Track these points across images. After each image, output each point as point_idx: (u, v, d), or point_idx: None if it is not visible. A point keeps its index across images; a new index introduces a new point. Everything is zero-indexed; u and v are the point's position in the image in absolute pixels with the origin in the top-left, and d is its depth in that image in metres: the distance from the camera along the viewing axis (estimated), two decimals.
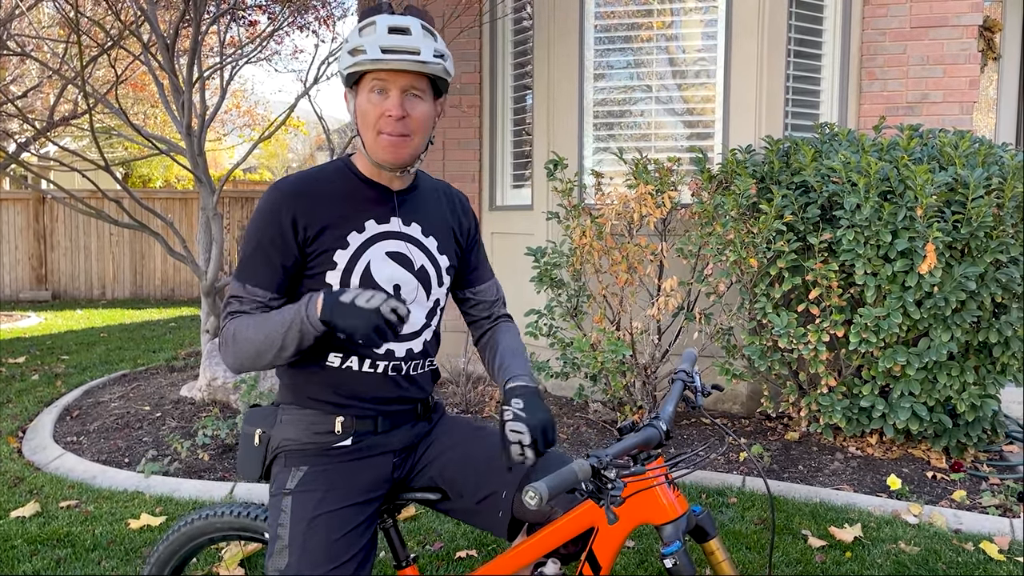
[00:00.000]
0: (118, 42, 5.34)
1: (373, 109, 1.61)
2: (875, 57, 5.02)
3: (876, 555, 3.02)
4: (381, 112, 1.61)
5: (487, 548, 3.10)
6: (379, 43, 1.56)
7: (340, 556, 1.61)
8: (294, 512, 1.64)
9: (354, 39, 1.61)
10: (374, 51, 1.56)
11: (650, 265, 4.42)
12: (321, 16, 7.55)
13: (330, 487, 1.66)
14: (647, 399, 4.48)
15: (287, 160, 25.97)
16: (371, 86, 1.60)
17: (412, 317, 1.73)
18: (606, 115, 5.11)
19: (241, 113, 16.26)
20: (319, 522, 1.63)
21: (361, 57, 1.57)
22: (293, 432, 1.70)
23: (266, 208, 1.64)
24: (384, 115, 1.61)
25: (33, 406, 5.20)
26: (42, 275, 11.30)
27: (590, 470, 1.37)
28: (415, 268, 1.73)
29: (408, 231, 1.73)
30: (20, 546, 3.13)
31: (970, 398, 3.73)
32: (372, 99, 1.61)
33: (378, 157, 1.65)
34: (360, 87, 1.63)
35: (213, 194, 5.23)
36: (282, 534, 1.64)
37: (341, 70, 1.63)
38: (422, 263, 1.74)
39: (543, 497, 1.27)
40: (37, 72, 9.62)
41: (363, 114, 1.63)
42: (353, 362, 1.70)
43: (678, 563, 1.50)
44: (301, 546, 1.61)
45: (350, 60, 1.60)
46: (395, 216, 1.72)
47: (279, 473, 1.71)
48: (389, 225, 1.70)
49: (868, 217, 3.64)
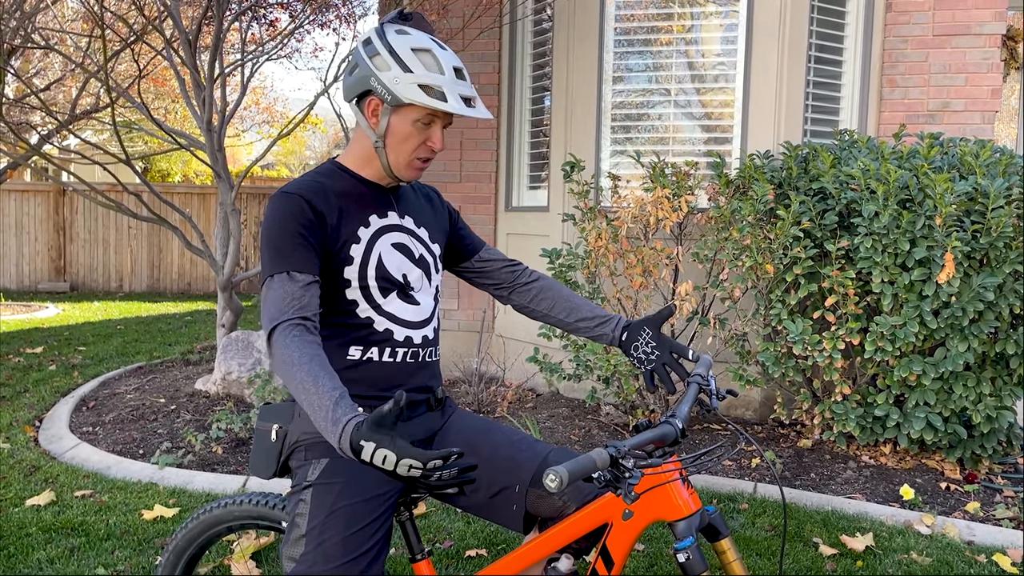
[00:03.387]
0: (141, 37, 5.39)
1: (416, 136, 1.68)
2: (896, 64, 4.99)
3: (887, 565, 3.00)
4: (422, 141, 1.70)
5: (497, 547, 3.10)
6: (458, 91, 1.64)
7: (355, 550, 1.63)
8: (314, 503, 1.66)
9: (418, 70, 1.62)
10: (455, 101, 1.63)
11: (665, 269, 4.41)
12: (342, 14, 7.58)
13: (349, 479, 1.68)
14: (659, 403, 4.47)
15: (305, 157, 26.10)
16: (420, 117, 1.66)
17: (422, 304, 1.80)
18: (624, 118, 5.11)
19: (260, 110, 16.35)
20: (337, 514, 1.64)
21: (439, 103, 1.62)
22: (311, 425, 1.71)
23: (286, 205, 1.65)
24: (425, 144, 1.70)
25: (50, 396, 5.25)
26: (61, 267, 11.41)
27: (608, 459, 1.40)
28: (416, 257, 1.80)
29: (404, 223, 1.81)
30: (35, 534, 3.16)
31: (986, 409, 3.71)
32: (417, 127, 1.67)
33: (401, 174, 1.74)
34: (402, 109, 1.66)
35: (231, 190, 5.27)
36: (300, 523, 1.66)
37: (396, 92, 1.63)
38: (421, 252, 1.82)
39: (563, 480, 1.30)
40: (60, 65, 9.72)
41: (402, 137, 1.68)
42: (374, 352, 1.73)
43: (691, 557, 1.52)
44: (318, 537, 1.63)
45: (420, 95, 1.62)
46: (392, 210, 1.79)
47: (299, 467, 1.72)
48: (388, 219, 1.78)
49: (886, 225, 3.62)
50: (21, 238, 11.33)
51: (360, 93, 1.69)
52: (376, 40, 1.67)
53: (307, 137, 24.22)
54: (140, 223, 11.36)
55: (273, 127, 16.16)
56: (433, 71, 1.63)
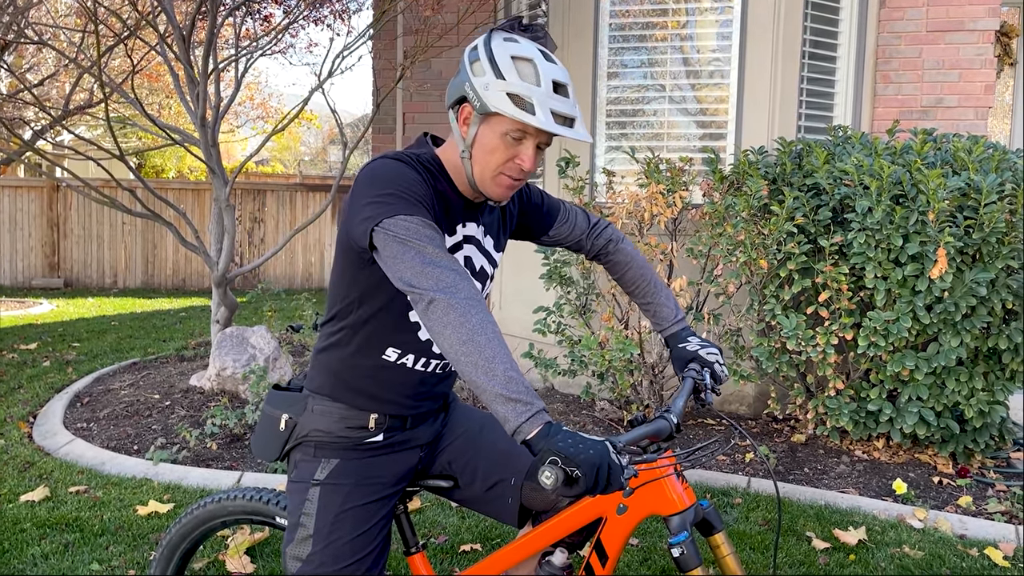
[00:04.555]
0: (135, 32, 5.38)
1: (505, 151, 1.54)
2: (890, 60, 5.00)
3: (880, 559, 3.02)
4: (512, 157, 1.55)
5: (491, 542, 3.11)
6: (550, 106, 1.49)
7: (362, 550, 1.64)
8: (321, 503, 1.66)
9: (511, 78, 1.49)
10: (544, 115, 1.47)
11: (660, 265, 4.42)
12: (336, 10, 7.56)
13: (359, 481, 1.68)
14: (654, 398, 4.48)
15: (299, 153, 26.05)
16: (509, 130, 1.52)
17: None
18: (619, 114, 5.11)
19: (255, 105, 16.32)
20: (346, 516, 1.65)
21: (524, 115, 1.47)
22: (324, 424, 1.69)
23: (407, 172, 1.52)
24: (514, 161, 1.55)
25: (44, 392, 5.24)
26: (55, 263, 11.38)
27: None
28: (476, 270, 1.71)
29: (478, 235, 1.71)
30: (29, 530, 3.16)
31: (978, 404, 3.72)
32: (507, 142, 1.53)
33: (487, 191, 1.59)
34: (491, 119, 1.54)
35: (226, 185, 5.26)
36: (306, 523, 1.66)
37: (483, 99, 1.51)
38: (481, 264, 1.72)
39: (558, 478, 1.29)
40: (54, 61, 9.68)
41: (490, 149, 1.55)
42: (409, 359, 1.68)
43: (685, 552, 1.53)
44: (326, 538, 1.64)
45: (506, 104, 1.48)
46: (474, 222, 1.69)
47: (305, 461, 1.70)
48: (468, 230, 1.68)
49: (880, 220, 3.63)
50: (15, 234, 11.29)
51: (457, 99, 1.58)
52: (481, 45, 1.55)
53: (302, 133, 24.18)
54: (134, 219, 11.33)
55: (267, 123, 16.12)
56: (528, 81, 1.49)
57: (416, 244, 1.42)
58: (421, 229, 1.44)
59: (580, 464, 1.26)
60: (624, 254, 1.96)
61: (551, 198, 1.92)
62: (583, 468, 1.26)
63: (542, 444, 1.29)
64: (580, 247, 1.96)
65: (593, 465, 1.27)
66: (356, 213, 1.49)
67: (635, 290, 1.95)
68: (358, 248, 1.54)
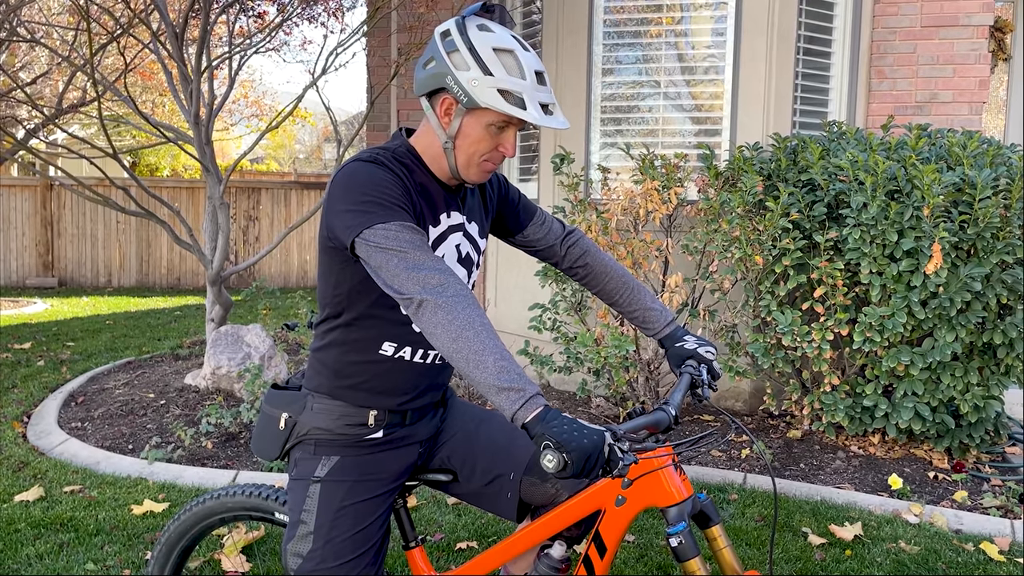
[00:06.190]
0: (127, 30, 5.35)
1: (488, 140, 1.59)
2: (885, 56, 5.01)
3: (876, 554, 3.02)
4: (495, 145, 1.61)
5: (488, 540, 3.11)
6: (538, 98, 1.54)
7: (362, 545, 1.66)
8: (322, 500, 1.67)
9: (499, 73, 1.52)
10: (535, 109, 1.53)
11: (655, 261, 4.42)
12: (330, 8, 7.55)
13: (359, 477, 1.69)
14: (650, 395, 4.48)
15: (294, 151, 26.00)
16: (494, 122, 1.57)
17: None
18: (614, 110, 5.10)
19: (249, 103, 16.28)
20: (346, 512, 1.66)
21: (518, 111, 1.51)
22: (324, 422, 1.70)
23: (381, 173, 1.54)
24: (497, 149, 1.62)
25: (38, 391, 5.22)
26: (49, 262, 11.34)
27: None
28: (462, 256, 1.73)
29: (463, 222, 1.73)
30: (24, 530, 3.15)
31: (973, 399, 3.73)
32: (490, 132, 1.58)
33: (467, 175, 1.64)
34: (476, 111, 1.57)
35: (220, 183, 5.24)
36: (307, 520, 1.67)
37: (472, 95, 1.53)
38: (468, 251, 1.74)
39: (560, 461, 1.32)
40: (46, 59, 9.64)
41: (473, 140, 1.59)
42: (406, 352, 1.69)
43: (683, 542, 1.55)
44: (327, 535, 1.65)
45: (499, 101, 1.52)
46: (457, 210, 1.71)
47: (305, 459, 1.71)
48: (452, 219, 1.70)
49: (874, 216, 3.63)
50: (8, 233, 11.25)
51: (433, 89, 1.59)
52: (456, 35, 1.55)
53: (296, 130, 24.13)
54: (128, 218, 11.30)
55: (262, 120, 16.09)
56: (515, 75, 1.53)
57: (397, 251, 1.45)
58: (400, 234, 1.47)
59: (572, 451, 1.30)
60: (602, 264, 1.95)
61: (527, 200, 1.95)
62: (573, 455, 1.30)
63: (538, 428, 1.34)
64: (554, 254, 1.95)
65: (584, 452, 1.31)
66: (334, 219, 1.53)
67: (619, 299, 1.93)
68: (340, 247, 1.56)
